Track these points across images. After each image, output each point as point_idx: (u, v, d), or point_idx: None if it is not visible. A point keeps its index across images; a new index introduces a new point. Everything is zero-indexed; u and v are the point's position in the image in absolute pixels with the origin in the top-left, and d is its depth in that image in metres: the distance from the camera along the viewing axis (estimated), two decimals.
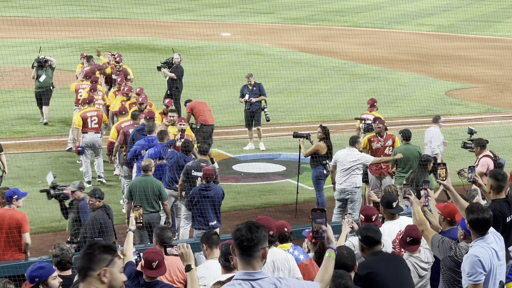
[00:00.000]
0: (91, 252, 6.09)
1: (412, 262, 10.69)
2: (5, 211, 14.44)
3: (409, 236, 10.72)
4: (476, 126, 29.73)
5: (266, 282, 6.66)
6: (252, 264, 6.64)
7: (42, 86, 27.34)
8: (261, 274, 6.66)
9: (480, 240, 9.54)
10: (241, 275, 6.65)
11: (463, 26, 56.30)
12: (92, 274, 6.06)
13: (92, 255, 6.08)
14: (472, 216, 9.53)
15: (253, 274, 6.63)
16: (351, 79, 37.98)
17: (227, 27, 52.08)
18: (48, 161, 23.99)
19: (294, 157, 23.97)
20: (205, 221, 16.05)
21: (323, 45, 48.34)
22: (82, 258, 6.11)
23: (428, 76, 39.32)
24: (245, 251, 6.64)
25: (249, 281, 6.60)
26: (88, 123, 21.85)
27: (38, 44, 41.25)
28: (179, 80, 27.00)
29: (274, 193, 21.57)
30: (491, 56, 45.62)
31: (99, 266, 6.04)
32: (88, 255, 6.09)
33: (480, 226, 9.54)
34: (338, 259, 8.72)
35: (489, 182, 11.18)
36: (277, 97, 25.76)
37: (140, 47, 45.32)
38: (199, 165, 17.10)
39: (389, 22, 57.44)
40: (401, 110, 31.22)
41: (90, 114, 21.95)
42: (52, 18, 40.25)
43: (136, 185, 16.49)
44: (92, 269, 6.06)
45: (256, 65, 38.64)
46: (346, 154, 18.14)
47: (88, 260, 6.08)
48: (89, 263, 6.07)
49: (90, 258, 6.07)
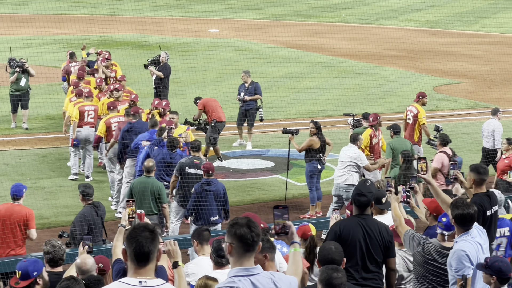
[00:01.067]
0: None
1: (401, 256, 10.74)
2: (12, 206, 14.47)
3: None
4: (464, 121, 29.83)
5: (263, 277, 6.69)
6: (250, 260, 6.65)
7: (21, 89, 26.42)
8: (258, 269, 6.67)
9: (465, 235, 9.61)
10: (238, 271, 6.63)
11: (451, 22, 56.42)
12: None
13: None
14: (457, 212, 9.59)
15: (250, 270, 6.64)
16: (338, 75, 38.01)
17: (214, 23, 52.01)
18: (36, 158, 23.93)
19: (283, 153, 23.99)
20: (207, 216, 16.02)
21: (310, 41, 48.35)
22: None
23: (416, 71, 39.40)
24: (251, 247, 6.62)
25: (248, 277, 6.61)
26: (85, 117, 21.83)
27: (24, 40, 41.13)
28: (166, 79, 26.74)
29: (263, 189, 21.58)
30: (478, 51, 45.74)
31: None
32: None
33: (465, 221, 9.61)
34: (326, 254, 8.76)
35: (471, 176, 11.23)
36: (265, 93, 25.78)
37: (128, 43, 45.21)
38: (192, 161, 17.13)
39: (377, 18, 57.50)
40: (388, 106, 31.27)
41: (87, 108, 21.91)
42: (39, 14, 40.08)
43: (136, 185, 16.38)
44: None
45: (244, 61, 38.60)
46: (345, 150, 18.30)
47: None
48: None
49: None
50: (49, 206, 19.58)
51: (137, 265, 6.34)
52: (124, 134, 19.48)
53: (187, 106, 26.13)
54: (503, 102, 33.00)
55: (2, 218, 14.41)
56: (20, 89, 26.36)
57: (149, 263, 6.34)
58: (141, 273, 6.35)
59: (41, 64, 34.32)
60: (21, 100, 26.47)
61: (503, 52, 44.61)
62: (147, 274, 6.37)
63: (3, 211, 14.46)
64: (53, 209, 19.44)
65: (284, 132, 19.49)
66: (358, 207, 9.85)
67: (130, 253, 6.34)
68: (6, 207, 14.56)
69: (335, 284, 7.80)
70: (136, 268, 6.35)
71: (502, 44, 48.56)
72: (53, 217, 18.79)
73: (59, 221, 18.65)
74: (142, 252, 6.30)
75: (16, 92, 26.42)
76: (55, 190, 20.79)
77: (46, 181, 21.67)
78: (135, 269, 6.36)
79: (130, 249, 6.32)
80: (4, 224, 14.38)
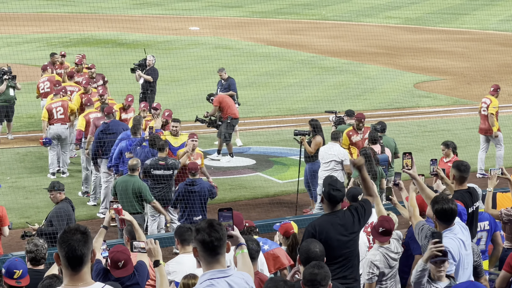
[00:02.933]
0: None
1: (382, 252, 10.76)
2: None
3: (382, 227, 10.76)
4: (444, 118, 29.95)
5: (237, 278, 6.71)
6: (221, 262, 6.65)
7: (9, 99, 25.00)
8: (231, 270, 6.69)
9: (447, 231, 9.62)
10: (214, 273, 6.62)
11: (430, 19, 56.60)
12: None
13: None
14: (437, 206, 9.61)
15: (225, 271, 6.65)
16: (319, 72, 38.06)
17: (195, 21, 51.95)
18: (16, 157, 23.82)
19: (263, 150, 24.03)
20: (191, 216, 15.99)
21: (291, 38, 48.38)
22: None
23: (396, 68, 39.50)
24: (214, 250, 6.60)
25: (223, 278, 6.61)
26: (54, 114, 21.83)
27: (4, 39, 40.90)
28: (154, 83, 26.10)
29: (244, 186, 21.58)
30: (458, 48, 45.93)
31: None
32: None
33: (446, 216, 9.63)
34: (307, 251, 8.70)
35: (452, 172, 11.27)
36: (246, 91, 25.77)
37: (108, 41, 45.08)
38: (157, 163, 17.06)
39: (357, 15, 57.61)
40: (369, 103, 31.33)
41: (54, 105, 21.97)
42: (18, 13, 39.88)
43: (119, 184, 16.34)
44: None
45: (225, 59, 38.58)
46: (327, 148, 18.26)
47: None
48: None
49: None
50: (30, 205, 19.50)
51: (72, 271, 5.99)
52: (100, 134, 19.43)
53: (168, 104, 26.06)
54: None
55: None
56: (7, 99, 24.97)
57: (83, 267, 6.00)
58: (77, 279, 6.00)
59: (21, 62, 34.13)
60: (7, 111, 24.98)
61: (483, 48, 44.79)
62: (83, 279, 6.03)
63: None
64: (34, 208, 19.36)
65: (296, 134, 19.38)
66: (332, 202, 9.44)
67: (62, 258, 6.00)
68: None
69: (319, 280, 7.79)
70: (72, 274, 6.00)
71: (482, 41, 48.78)
72: (34, 216, 18.70)
73: (40, 220, 18.52)
74: (74, 256, 5.95)
75: (4, 102, 24.92)
76: (36, 189, 20.69)
77: (27, 180, 21.57)
78: (70, 275, 6.00)
79: (62, 254, 5.98)
80: None
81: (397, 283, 10.99)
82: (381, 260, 10.70)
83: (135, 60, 26.58)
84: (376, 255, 10.72)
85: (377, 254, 10.72)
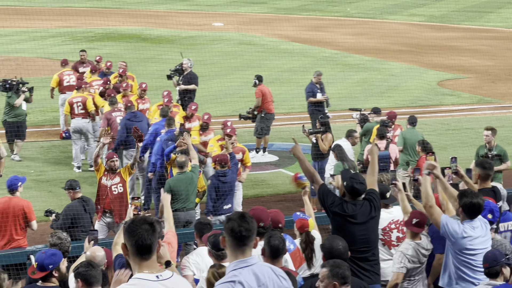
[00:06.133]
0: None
1: (415, 248, 10.80)
2: (9, 199, 14.53)
3: (415, 218, 10.79)
4: (468, 116, 29.82)
5: (262, 266, 6.81)
6: (246, 253, 6.72)
7: (21, 114, 22.67)
8: (254, 259, 6.76)
9: (467, 221, 9.71)
10: (236, 264, 6.70)
11: (455, 16, 56.33)
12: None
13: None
14: (466, 200, 9.65)
15: (247, 261, 6.73)
16: (343, 69, 37.98)
17: (219, 17, 52.00)
18: (40, 151, 23.97)
19: (286, 147, 24.02)
20: (221, 205, 16.32)
21: (315, 35, 48.30)
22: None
23: (420, 66, 39.37)
24: (241, 241, 6.69)
25: (247, 267, 6.69)
26: (74, 109, 22.09)
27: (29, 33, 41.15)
28: (194, 90, 24.46)
29: (267, 183, 21.59)
30: (483, 46, 45.68)
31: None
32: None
33: (473, 210, 9.68)
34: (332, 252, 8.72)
35: (476, 171, 11.24)
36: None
37: (132, 36, 45.20)
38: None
39: (381, 13, 57.43)
40: (393, 101, 31.24)
41: (76, 100, 22.19)
42: (44, 7, 40.16)
43: (175, 184, 15.81)
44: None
45: (248, 55, 38.62)
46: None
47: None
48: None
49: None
50: (54, 199, 19.61)
51: (141, 259, 6.33)
52: (127, 122, 19.59)
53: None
54: (507, 97, 33.00)
55: (0, 212, 14.47)
56: (20, 115, 22.64)
57: (152, 255, 6.35)
58: (149, 266, 6.35)
59: (45, 56, 34.37)
60: (19, 128, 22.61)
61: (507, 47, 44.53)
62: (154, 267, 6.39)
63: (1, 205, 14.51)
64: (58, 202, 19.47)
65: (311, 133, 19.39)
66: (354, 195, 9.73)
67: (131, 247, 6.33)
68: (3, 201, 14.62)
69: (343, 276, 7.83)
70: (141, 262, 6.34)
71: (506, 39, 48.47)
72: (58, 210, 18.81)
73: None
74: (144, 244, 6.29)
75: (16, 118, 22.59)
76: (60, 183, 20.80)
77: (51, 174, 21.71)
78: (139, 263, 6.35)
79: (131, 243, 6.32)
80: (2, 217, 14.45)
81: (424, 280, 11.03)
82: (413, 255, 10.76)
83: (160, 55, 26.61)
84: (408, 249, 10.80)
85: (409, 248, 10.80)
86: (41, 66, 27.05)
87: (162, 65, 29.54)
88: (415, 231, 10.83)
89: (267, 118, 23.46)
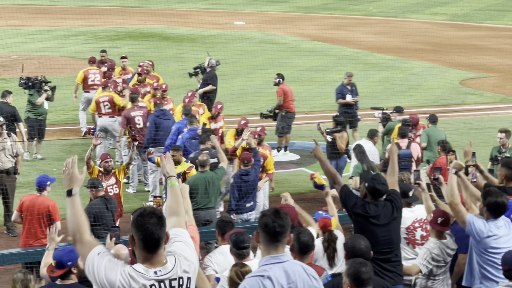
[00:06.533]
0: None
1: (440, 247, 10.78)
2: (36, 197, 14.62)
3: (441, 217, 10.77)
4: (491, 115, 29.66)
5: (293, 264, 6.78)
6: (279, 249, 6.72)
7: (43, 113, 22.65)
8: (287, 256, 6.76)
9: (491, 220, 9.68)
10: (268, 260, 6.69)
11: (477, 15, 56.06)
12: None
13: None
14: (490, 199, 9.63)
15: (279, 257, 6.72)
16: (364, 68, 37.88)
17: (240, 15, 52.01)
18: (63, 149, 24.06)
19: (308, 146, 23.98)
20: (244, 203, 16.41)
21: (336, 34, 48.21)
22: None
23: (442, 65, 39.21)
24: (274, 237, 6.67)
25: (277, 264, 6.68)
26: (101, 108, 22.13)
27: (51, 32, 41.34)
28: (214, 91, 24.43)
29: (288, 182, 21.58)
30: (505, 45, 45.43)
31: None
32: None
33: (497, 209, 9.67)
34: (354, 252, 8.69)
35: (501, 171, 11.19)
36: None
37: (154, 35, 45.31)
38: (201, 153, 17.05)
39: (403, 11, 57.24)
40: (414, 100, 31.14)
41: (102, 99, 22.25)
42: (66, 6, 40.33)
43: (194, 181, 15.70)
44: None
45: (270, 54, 38.62)
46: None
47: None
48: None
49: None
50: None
51: (148, 253, 6.13)
52: (156, 120, 19.61)
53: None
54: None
55: (26, 209, 14.61)
56: (42, 113, 22.60)
57: (159, 249, 6.14)
58: (153, 261, 6.14)
59: (68, 55, 34.51)
60: (40, 127, 22.63)
61: None
62: (159, 261, 6.16)
63: (27, 202, 14.64)
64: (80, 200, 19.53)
65: (329, 133, 19.41)
66: (376, 196, 9.78)
67: (138, 241, 6.13)
68: (30, 198, 14.71)
69: (364, 278, 7.78)
70: (147, 256, 6.13)
71: None
72: None
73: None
74: (152, 239, 6.09)
75: (38, 116, 22.52)
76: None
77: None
78: (145, 257, 6.14)
79: (139, 237, 6.11)
80: (27, 215, 14.55)
81: (447, 279, 11.01)
82: (438, 254, 10.74)
83: (181, 54, 26.62)
84: (434, 248, 10.79)
85: (435, 247, 10.79)
86: (64, 65, 27.15)
87: (184, 63, 29.60)
88: (441, 230, 10.81)
89: (288, 117, 23.45)
